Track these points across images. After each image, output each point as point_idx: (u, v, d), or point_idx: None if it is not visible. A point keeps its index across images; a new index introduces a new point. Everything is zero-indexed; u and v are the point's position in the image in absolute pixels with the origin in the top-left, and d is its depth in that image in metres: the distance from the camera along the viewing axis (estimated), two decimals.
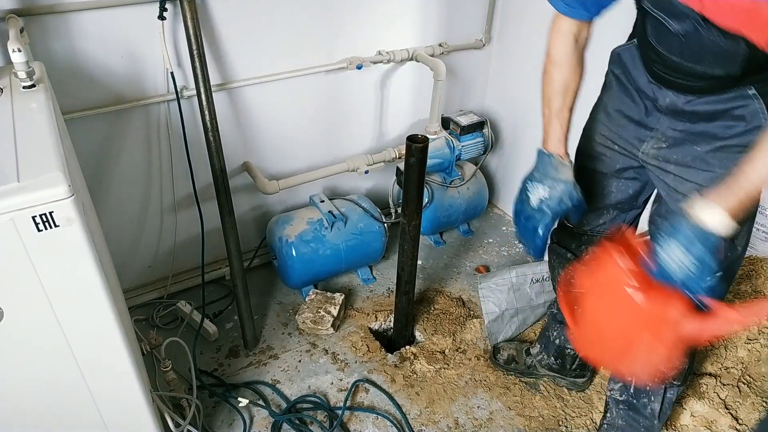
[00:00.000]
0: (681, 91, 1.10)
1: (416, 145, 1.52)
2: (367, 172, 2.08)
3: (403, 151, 2.10)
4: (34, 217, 0.91)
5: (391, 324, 2.03)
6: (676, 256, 0.97)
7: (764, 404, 1.62)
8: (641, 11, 1.10)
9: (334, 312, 1.94)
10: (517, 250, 2.40)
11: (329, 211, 2.01)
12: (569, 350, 1.72)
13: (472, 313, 2.05)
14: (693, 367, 1.48)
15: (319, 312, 1.94)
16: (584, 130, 1.39)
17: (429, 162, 1.63)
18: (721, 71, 1.01)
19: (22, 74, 1.22)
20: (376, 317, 2.03)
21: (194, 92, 1.69)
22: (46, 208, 0.91)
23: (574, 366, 1.76)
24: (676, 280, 0.98)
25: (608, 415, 1.56)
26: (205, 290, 1.98)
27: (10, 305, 0.96)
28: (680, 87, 1.10)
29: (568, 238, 1.50)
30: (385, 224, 2.12)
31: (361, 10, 1.94)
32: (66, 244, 0.96)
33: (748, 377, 1.69)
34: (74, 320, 1.04)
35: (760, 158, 0.95)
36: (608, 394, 1.55)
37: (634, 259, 1.06)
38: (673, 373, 1.37)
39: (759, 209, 2.08)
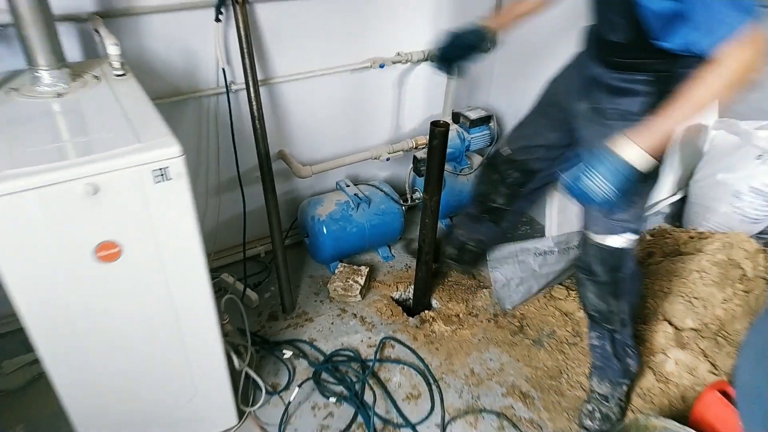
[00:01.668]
0: (605, 66, 1.41)
1: (439, 129, 1.77)
2: (388, 159, 2.33)
3: (420, 141, 2.38)
4: (154, 171, 1.15)
5: (410, 294, 2.27)
6: (598, 186, 1.20)
7: (737, 353, 1.87)
8: None
9: (361, 281, 2.19)
10: (519, 232, 2.65)
11: (355, 194, 2.26)
12: (470, 245, 2.05)
13: (482, 284, 2.30)
14: (635, 313, 1.72)
15: (348, 281, 2.18)
16: (547, 81, 1.75)
17: None
18: (617, 37, 1.33)
19: (116, 64, 1.48)
20: (397, 287, 2.27)
21: (241, 86, 1.95)
22: (163, 164, 1.15)
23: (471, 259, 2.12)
24: (593, 201, 1.23)
25: (593, 359, 1.81)
26: (245, 264, 2.22)
27: (129, 242, 1.20)
28: (601, 59, 1.42)
29: (501, 163, 1.83)
30: (403, 207, 2.38)
31: (383, 15, 2.20)
32: (175, 195, 1.20)
33: (724, 332, 1.95)
34: (173, 260, 1.28)
35: (677, 107, 1.16)
36: (589, 342, 1.80)
37: None
38: (616, 318, 1.64)
39: (735, 193, 2.36)
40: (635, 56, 1.33)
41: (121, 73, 1.49)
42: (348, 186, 2.32)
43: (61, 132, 1.24)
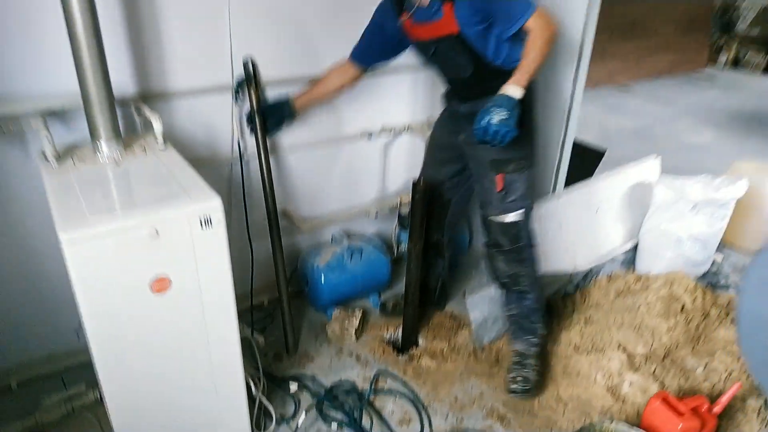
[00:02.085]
0: (465, 101, 2.01)
1: (419, 186, 2.13)
2: (376, 215, 2.68)
3: (404, 200, 2.73)
4: (200, 219, 1.46)
5: (399, 335, 2.54)
6: (498, 115, 1.70)
7: (682, 374, 2.18)
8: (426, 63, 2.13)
9: (356, 323, 2.46)
10: None
11: (348, 246, 2.58)
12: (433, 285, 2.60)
13: (462, 324, 2.59)
14: (539, 282, 2.22)
15: (344, 324, 2.46)
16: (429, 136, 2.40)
17: None
18: (466, 73, 1.94)
19: (159, 138, 1.81)
20: (387, 329, 2.55)
21: (252, 155, 2.30)
22: (208, 213, 1.47)
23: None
24: (493, 128, 1.70)
25: (509, 328, 2.27)
26: (251, 311, 2.48)
27: (178, 277, 1.48)
28: (461, 98, 2.05)
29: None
30: (391, 258, 2.69)
31: (371, 94, 2.59)
32: (215, 239, 1.50)
33: (670, 357, 2.26)
34: (209, 293, 1.56)
35: (528, 62, 1.76)
36: (507, 315, 2.29)
37: None
38: (524, 280, 2.14)
39: (678, 241, 2.72)
40: (481, 83, 1.91)
41: (163, 145, 1.82)
42: (342, 239, 2.64)
43: (124, 190, 1.56)
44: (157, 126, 1.79)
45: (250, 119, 2.20)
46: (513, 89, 1.74)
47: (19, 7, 1.72)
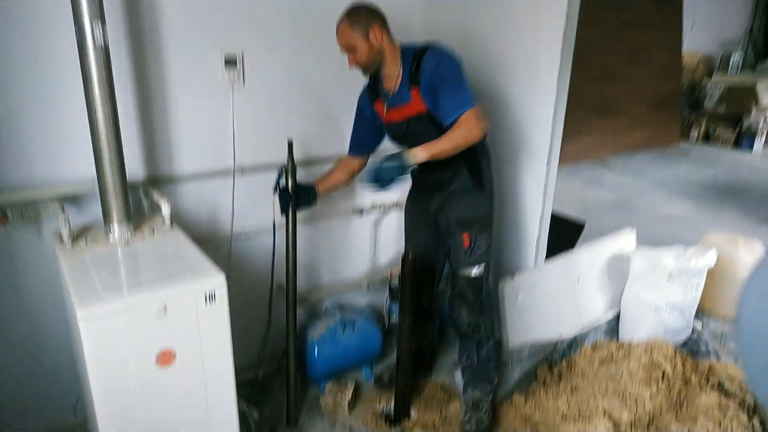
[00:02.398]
0: (430, 172, 2.24)
1: (407, 260, 2.26)
2: (368, 287, 2.79)
3: (394, 272, 2.85)
4: (205, 294, 1.58)
5: (392, 407, 2.59)
6: (386, 165, 1.93)
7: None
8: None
9: (349, 396, 2.52)
10: None
11: (341, 318, 2.68)
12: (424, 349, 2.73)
13: (453, 396, 2.65)
14: (495, 331, 2.48)
15: (337, 396, 2.51)
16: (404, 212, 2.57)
17: None
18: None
19: (167, 219, 1.95)
20: (380, 401, 2.60)
21: (251, 231, 2.44)
22: (213, 289, 1.59)
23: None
24: (374, 175, 1.94)
25: (465, 377, 2.41)
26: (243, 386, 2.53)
27: (182, 350, 1.58)
28: (428, 169, 2.20)
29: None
30: (383, 329, 2.78)
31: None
32: (218, 313, 1.62)
33: (655, 424, 2.33)
34: (211, 365, 1.65)
35: (439, 144, 1.97)
36: (461, 367, 2.44)
37: None
38: (484, 329, 2.34)
39: (656, 309, 2.84)
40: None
41: (169, 226, 1.96)
42: (335, 311, 2.73)
43: (135, 269, 1.68)
44: (165, 209, 1.94)
45: (283, 198, 2.27)
46: (413, 152, 1.97)
47: (40, 102, 1.90)
